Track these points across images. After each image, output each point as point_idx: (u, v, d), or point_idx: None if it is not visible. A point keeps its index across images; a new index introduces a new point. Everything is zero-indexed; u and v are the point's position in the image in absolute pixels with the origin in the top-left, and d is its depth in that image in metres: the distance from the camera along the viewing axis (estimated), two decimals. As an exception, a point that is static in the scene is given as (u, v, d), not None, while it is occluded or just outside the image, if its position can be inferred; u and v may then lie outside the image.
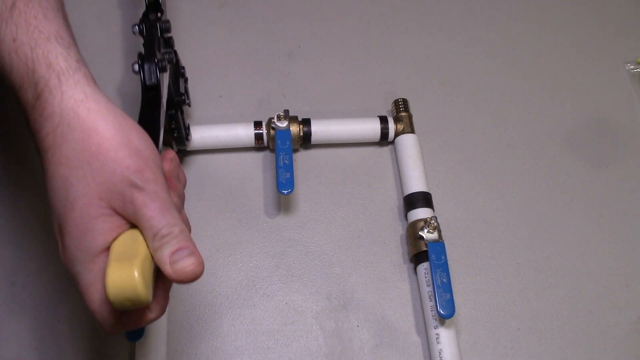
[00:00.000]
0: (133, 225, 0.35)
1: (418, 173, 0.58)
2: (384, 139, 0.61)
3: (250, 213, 0.59)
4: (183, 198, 0.40)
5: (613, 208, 0.60)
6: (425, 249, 0.52)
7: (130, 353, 0.51)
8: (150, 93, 0.44)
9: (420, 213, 0.56)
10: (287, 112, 0.58)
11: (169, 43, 0.52)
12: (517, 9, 0.73)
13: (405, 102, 0.62)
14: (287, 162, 0.55)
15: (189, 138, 0.58)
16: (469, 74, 0.68)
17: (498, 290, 0.56)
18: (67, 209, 0.33)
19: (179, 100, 0.54)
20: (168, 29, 0.50)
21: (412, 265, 0.56)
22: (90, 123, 0.33)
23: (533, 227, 0.59)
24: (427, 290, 0.53)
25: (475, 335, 0.54)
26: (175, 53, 0.55)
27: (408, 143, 0.60)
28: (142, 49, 0.47)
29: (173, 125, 0.54)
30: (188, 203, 0.58)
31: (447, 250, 0.51)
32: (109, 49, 0.67)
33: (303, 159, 0.62)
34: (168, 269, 0.33)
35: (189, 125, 0.59)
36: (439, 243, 0.52)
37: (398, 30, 0.71)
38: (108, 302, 0.32)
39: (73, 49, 0.35)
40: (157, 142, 0.40)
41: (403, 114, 0.61)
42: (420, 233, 0.53)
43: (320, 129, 0.60)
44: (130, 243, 0.34)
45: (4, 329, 0.52)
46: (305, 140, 0.60)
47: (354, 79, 0.67)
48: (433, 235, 0.53)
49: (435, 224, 0.53)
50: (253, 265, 0.56)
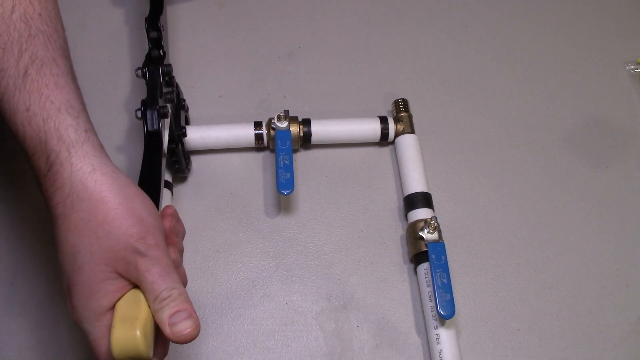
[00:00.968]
0: (136, 285, 0.37)
1: (418, 173, 0.58)
2: (384, 139, 0.61)
3: (250, 213, 0.59)
4: (182, 251, 0.42)
5: (613, 208, 0.60)
6: (426, 249, 0.52)
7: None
8: (152, 138, 0.47)
9: (421, 213, 0.56)
10: (287, 112, 0.58)
11: (171, 82, 0.54)
12: (517, 9, 0.73)
13: (406, 102, 0.62)
14: (287, 162, 0.55)
15: (189, 167, 0.60)
16: (469, 74, 0.68)
17: (498, 291, 0.56)
18: (75, 273, 0.36)
19: (179, 134, 0.55)
20: (169, 73, 0.52)
21: (412, 266, 0.56)
22: (97, 194, 0.36)
23: (533, 227, 0.59)
24: (427, 291, 0.53)
25: (475, 336, 0.54)
26: (177, 86, 0.57)
27: (408, 143, 0.60)
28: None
29: (174, 158, 0.56)
30: (188, 203, 0.59)
31: (447, 251, 0.51)
32: (114, 40, 0.68)
33: (303, 159, 0.62)
34: (167, 330, 0.36)
35: (189, 156, 0.60)
36: (439, 243, 0.52)
37: (398, 30, 0.71)
38: (113, 357, 0.35)
39: (82, 117, 0.38)
40: (158, 185, 0.43)
41: (403, 114, 0.61)
42: (420, 233, 0.53)
43: (320, 129, 0.60)
44: (133, 304, 0.36)
45: (4, 329, 0.52)
46: (306, 141, 0.60)
47: (354, 79, 0.67)
48: (433, 236, 0.53)
49: (436, 224, 0.53)
50: (253, 266, 0.56)
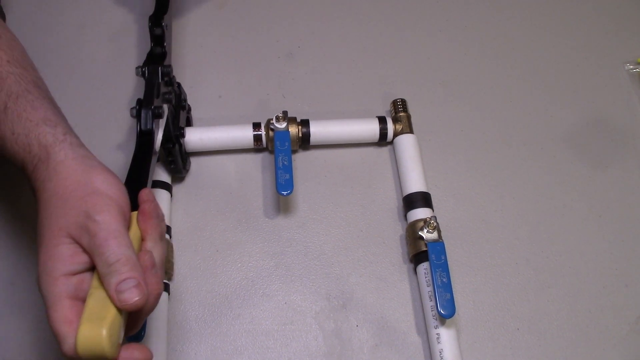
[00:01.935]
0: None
1: (417, 173, 0.58)
2: (383, 140, 0.61)
3: (250, 213, 0.59)
4: (164, 231, 0.42)
5: (612, 208, 0.60)
6: (425, 249, 0.52)
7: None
8: (144, 137, 0.48)
9: (420, 213, 0.56)
10: (285, 113, 0.58)
11: (170, 82, 0.54)
12: (517, 9, 0.73)
13: (404, 102, 0.62)
14: (286, 163, 0.55)
15: (187, 168, 0.60)
16: (469, 74, 0.68)
17: (497, 290, 0.56)
18: (39, 243, 0.38)
19: (177, 135, 0.55)
20: (169, 74, 0.52)
21: (411, 265, 0.56)
22: (63, 174, 0.39)
23: (532, 226, 0.59)
24: (427, 290, 0.53)
25: (475, 335, 0.54)
26: (180, 87, 0.57)
27: (407, 143, 0.60)
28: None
29: (170, 158, 0.56)
30: (188, 204, 0.59)
31: (446, 250, 0.51)
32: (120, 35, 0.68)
33: (302, 160, 0.62)
34: (114, 297, 0.36)
35: (188, 157, 0.60)
36: (439, 243, 0.52)
37: (397, 31, 0.71)
38: (77, 354, 0.35)
39: (60, 125, 0.42)
40: (143, 183, 0.44)
41: (402, 114, 0.61)
42: (420, 233, 0.53)
43: (319, 130, 0.60)
44: (102, 303, 0.36)
45: (4, 329, 0.52)
46: (304, 141, 0.60)
47: (353, 80, 0.67)
48: (433, 235, 0.53)
49: (435, 224, 0.53)
50: (252, 265, 0.56)
